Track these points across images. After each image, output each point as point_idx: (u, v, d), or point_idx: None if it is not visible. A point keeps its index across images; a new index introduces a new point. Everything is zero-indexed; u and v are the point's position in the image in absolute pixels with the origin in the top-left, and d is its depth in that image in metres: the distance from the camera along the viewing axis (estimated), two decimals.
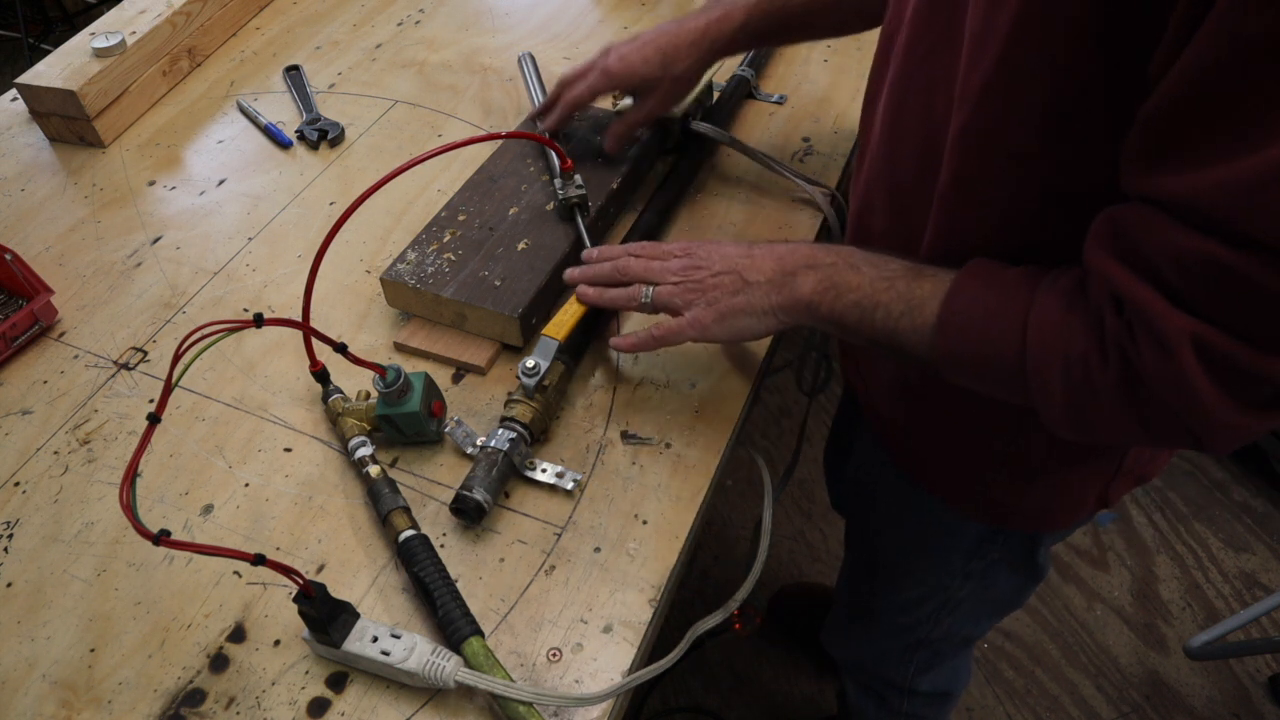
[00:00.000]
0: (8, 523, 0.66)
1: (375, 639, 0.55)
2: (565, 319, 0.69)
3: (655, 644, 0.61)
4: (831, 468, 1.14)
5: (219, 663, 0.58)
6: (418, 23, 1.16)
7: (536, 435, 0.66)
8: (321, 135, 0.97)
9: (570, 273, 0.72)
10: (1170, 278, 0.42)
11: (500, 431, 0.64)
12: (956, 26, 0.50)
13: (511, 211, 0.79)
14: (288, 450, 0.69)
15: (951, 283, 0.53)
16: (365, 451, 0.65)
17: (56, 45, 1.05)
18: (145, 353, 0.78)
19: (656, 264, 0.65)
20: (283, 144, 0.98)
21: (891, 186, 0.62)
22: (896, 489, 0.80)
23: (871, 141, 0.65)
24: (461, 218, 0.79)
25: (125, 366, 0.77)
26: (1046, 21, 0.43)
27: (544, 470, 0.65)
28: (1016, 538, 0.75)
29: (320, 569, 0.62)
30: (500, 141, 0.88)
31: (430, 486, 0.66)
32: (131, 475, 0.48)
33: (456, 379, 0.73)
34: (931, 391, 0.67)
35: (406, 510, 0.62)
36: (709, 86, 0.95)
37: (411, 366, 0.68)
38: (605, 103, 0.98)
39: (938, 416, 0.69)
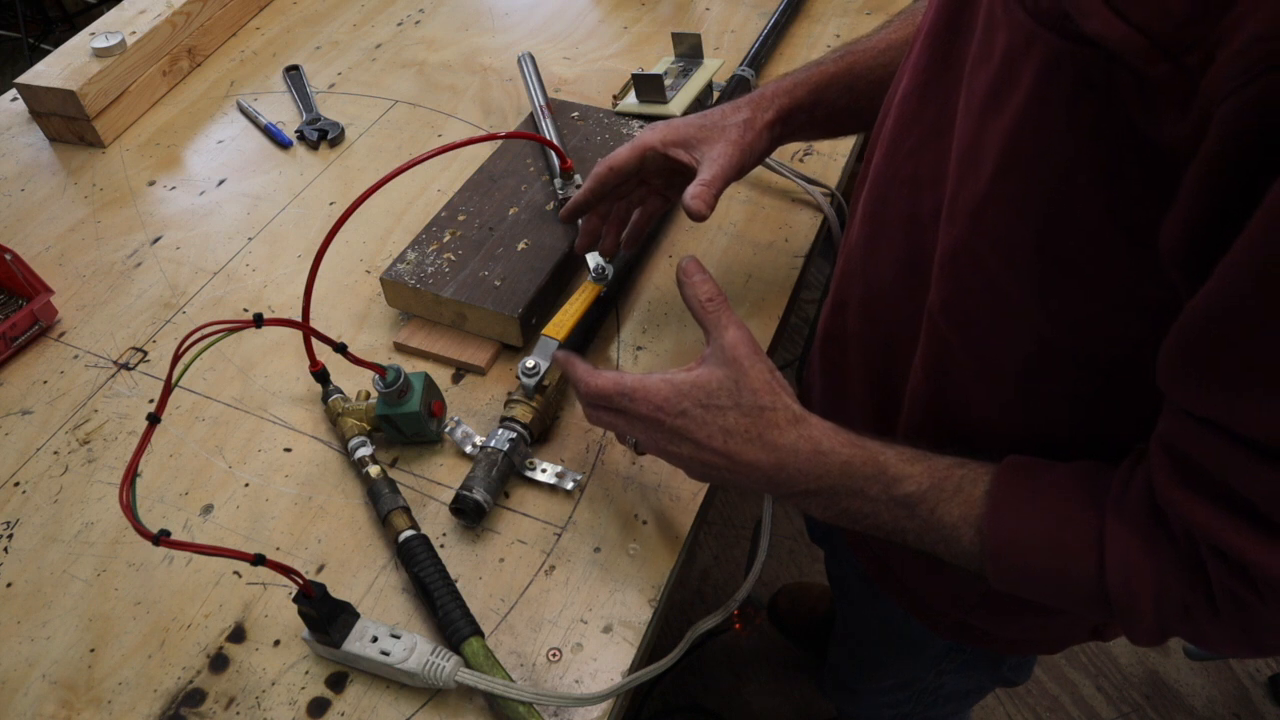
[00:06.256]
0: (8, 523, 0.66)
1: (375, 639, 0.55)
2: (565, 319, 0.69)
3: (655, 644, 0.61)
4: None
5: (219, 663, 0.58)
6: (418, 23, 1.16)
7: (536, 435, 0.66)
8: (321, 135, 0.97)
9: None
10: None
11: (500, 431, 0.64)
12: (948, 122, 0.45)
13: (511, 211, 0.79)
14: (288, 450, 0.69)
15: (988, 503, 0.45)
16: (365, 451, 0.65)
17: (56, 45, 1.05)
18: (145, 353, 0.78)
19: (622, 422, 0.54)
20: (283, 144, 0.98)
21: (867, 286, 0.56)
22: (865, 592, 0.77)
23: (852, 230, 0.58)
24: (461, 218, 0.79)
25: (125, 366, 0.77)
26: (1037, 153, 0.38)
27: (544, 470, 0.65)
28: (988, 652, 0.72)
29: (320, 569, 0.62)
30: (500, 141, 0.88)
31: (430, 486, 0.66)
32: (131, 475, 0.48)
33: (456, 379, 0.73)
34: None
35: (406, 510, 0.62)
36: (709, 86, 0.95)
37: (411, 366, 0.68)
38: (605, 103, 0.98)
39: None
